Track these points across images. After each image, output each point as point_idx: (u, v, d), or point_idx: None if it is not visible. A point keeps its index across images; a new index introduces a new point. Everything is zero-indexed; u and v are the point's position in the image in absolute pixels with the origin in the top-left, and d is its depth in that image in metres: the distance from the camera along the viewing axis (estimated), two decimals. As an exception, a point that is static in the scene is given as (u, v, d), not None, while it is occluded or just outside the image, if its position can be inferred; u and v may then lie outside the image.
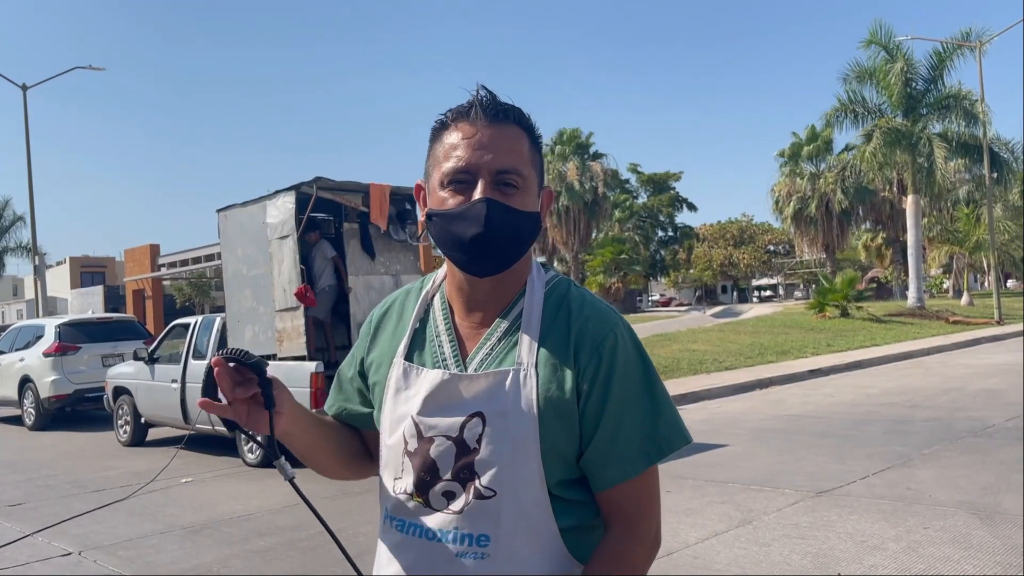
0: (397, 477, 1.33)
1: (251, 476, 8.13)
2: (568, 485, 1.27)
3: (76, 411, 13.14)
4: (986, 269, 43.07)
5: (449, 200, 1.26)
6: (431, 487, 1.27)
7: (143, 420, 10.37)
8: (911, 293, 27.28)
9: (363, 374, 1.45)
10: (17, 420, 13.54)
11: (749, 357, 16.17)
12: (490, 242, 1.24)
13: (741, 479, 6.72)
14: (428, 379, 1.31)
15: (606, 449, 1.25)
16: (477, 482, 1.24)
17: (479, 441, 1.25)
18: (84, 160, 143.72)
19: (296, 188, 8.35)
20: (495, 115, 1.26)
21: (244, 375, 1.23)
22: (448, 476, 1.26)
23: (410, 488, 1.30)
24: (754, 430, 9.05)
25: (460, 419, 1.26)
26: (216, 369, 1.21)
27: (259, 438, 1.33)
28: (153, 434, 10.71)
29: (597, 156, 46.04)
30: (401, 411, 1.33)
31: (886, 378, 13.35)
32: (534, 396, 1.24)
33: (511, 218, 1.25)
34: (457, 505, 1.25)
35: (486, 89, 1.28)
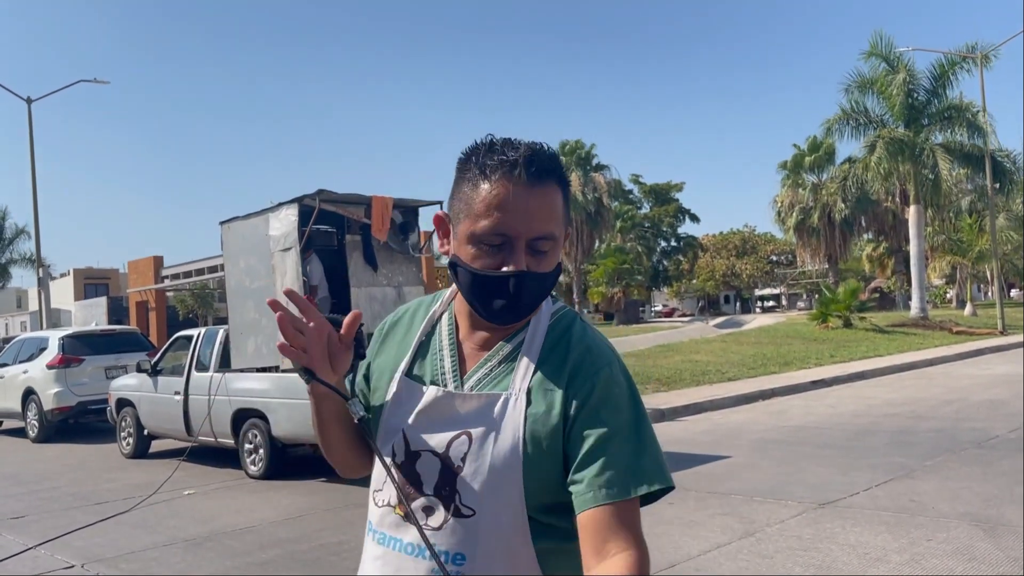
0: (379, 489, 1.36)
1: (254, 488, 8.13)
2: (550, 510, 1.29)
3: (79, 423, 13.15)
4: (989, 279, 43.08)
5: (479, 260, 1.27)
6: (412, 501, 1.30)
7: (146, 432, 10.38)
8: (914, 303, 27.26)
9: (367, 377, 1.48)
10: (20, 432, 13.56)
11: (751, 368, 16.16)
12: (515, 306, 1.29)
13: (743, 491, 6.71)
14: (423, 395, 1.34)
15: (588, 475, 1.24)
16: (457, 499, 1.27)
17: (463, 459, 1.28)
18: (88, 172, 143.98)
19: (299, 200, 8.38)
20: (538, 176, 1.25)
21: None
22: (430, 491, 1.29)
23: (393, 500, 1.33)
24: (756, 441, 9.04)
25: (448, 436, 1.30)
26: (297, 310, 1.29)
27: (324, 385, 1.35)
28: (156, 446, 10.72)
29: (599, 167, 46.20)
30: (394, 424, 1.36)
31: (889, 389, 13.33)
32: (521, 420, 1.27)
33: (539, 284, 1.29)
34: (436, 521, 1.28)
35: (533, 145, 1.27)
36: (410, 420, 1.33)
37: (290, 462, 8.73)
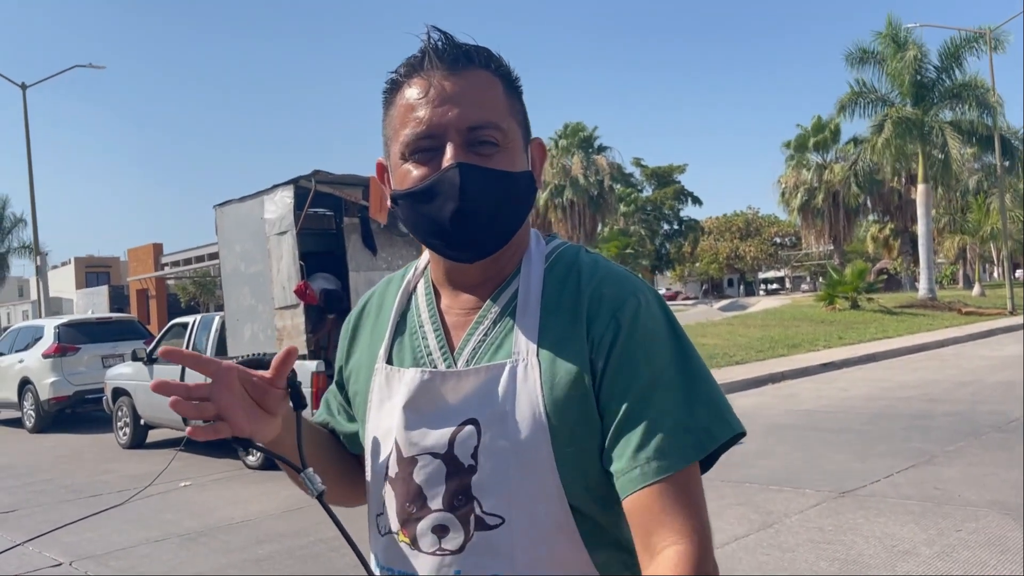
0: (380, 512, 1.08)
1: (251, 479, 7.90)
2: (599, 499, 1.00)
3: (76, 413, 12.92)
4: (995, 259, 42.74)
5: (413, 173, 1.01)
6: (418, 521, 1.01)
7: (142, 422, 10.15)
8: (922, 284, 26.96)
9: (342, 384, 1.20)
10: (17, 423, 13.34)
11: (759, 351, 15.89)
12: (472, 218, 0.99)
13: (759, 479, 6.46)
14: (404, 382, 1.05)
15: (628, 442, 0.96)
16: (477, 508, 0.98)
17: (475, 455, 0.99)
18: (87, 159, 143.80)
19: (294, 182, 8.12)
20: (454, 60, 1.01)
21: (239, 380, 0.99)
22: (438, 505, 1.00)
23: (395, 525, 1.04)
24: (768, 426, 8.78)
25: (448, 430, 1.01)
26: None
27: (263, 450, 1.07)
28: (153, 435, 10.50)
29: (601, 149, 45.81)
30: (384, 427, 1.07)
31: (901, 371, 13.07)
32: (538, 391, 0.98)
33: (495, 183, 0.99)
34: (454, 542, 0.99)
35: (439, 31, 1.02)
36: (396, 418, 1.04)
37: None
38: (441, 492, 1.00)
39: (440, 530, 1.00)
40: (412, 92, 1.01)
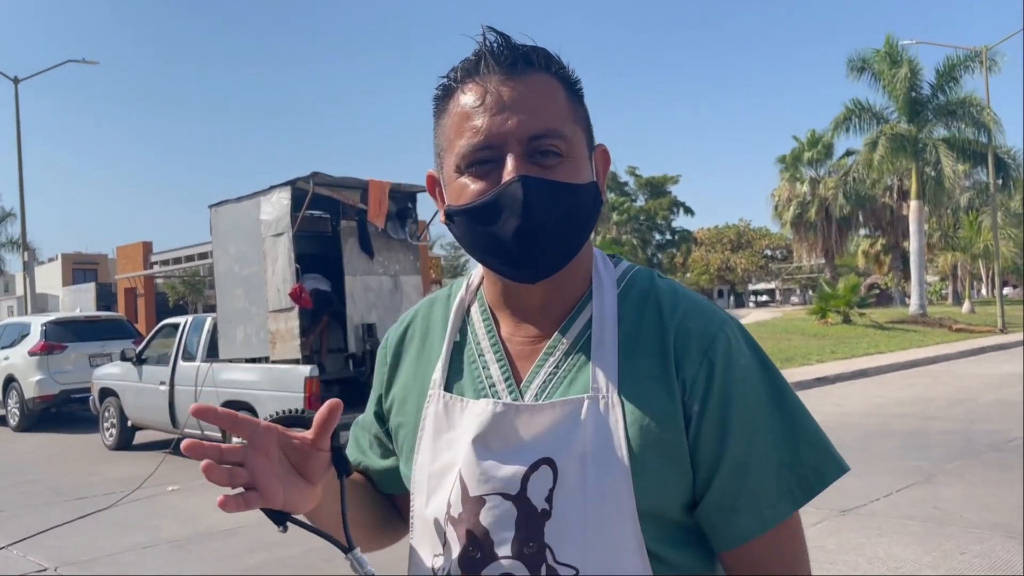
0: (437, 554, 0.98)
1: (241, 484, 7.77)
2: (675, 543, 0.94)
3: (62, 412, 12.74)
4: (983, 277, 43.00)
5: (470, 187, 0.93)
6: (482, 567, 0.93)
7: (130, 423, 9.99)
8: (913, 300, 27.05)
9: (381, 415, 1.10)
10: (0, 420, 13.14)
11: (753, 363, 15.85)
12: (536, 235, 0.91)
13: (757, 495, 6.39)
14: (474, 413, 0.97)
15: (733, 490, 0.91)
16: (550, 557, 0.90)
17: (549, 499, 0.91)
18: (77, 155, 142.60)
19: (292, 183, 8.01)
20: (512, 64, 0.94)
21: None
22: (506, 552, 0.92)
23: (454, 570, 0.95)
24: (765, 441, 8.73)
25: (522, 468, 0.92)
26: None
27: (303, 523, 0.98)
28: (140, 437, 10.33)
29: (596, 158, 45.81)
30: (444, 461, 0.98)
31: (894, 387, 13.05)
32: (620, 432, 0.91)
33: (560, 197, 0.92)
34: None
35: (496, 32, 0.95)
36: (462, 452, 0.96)
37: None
38: (510, 538, 0.91)
39: None
40: (467, 99, 0.94)
